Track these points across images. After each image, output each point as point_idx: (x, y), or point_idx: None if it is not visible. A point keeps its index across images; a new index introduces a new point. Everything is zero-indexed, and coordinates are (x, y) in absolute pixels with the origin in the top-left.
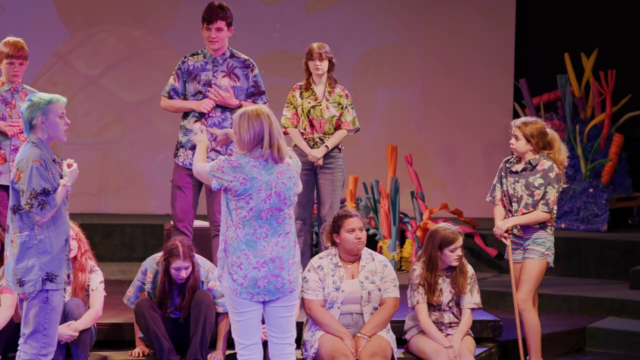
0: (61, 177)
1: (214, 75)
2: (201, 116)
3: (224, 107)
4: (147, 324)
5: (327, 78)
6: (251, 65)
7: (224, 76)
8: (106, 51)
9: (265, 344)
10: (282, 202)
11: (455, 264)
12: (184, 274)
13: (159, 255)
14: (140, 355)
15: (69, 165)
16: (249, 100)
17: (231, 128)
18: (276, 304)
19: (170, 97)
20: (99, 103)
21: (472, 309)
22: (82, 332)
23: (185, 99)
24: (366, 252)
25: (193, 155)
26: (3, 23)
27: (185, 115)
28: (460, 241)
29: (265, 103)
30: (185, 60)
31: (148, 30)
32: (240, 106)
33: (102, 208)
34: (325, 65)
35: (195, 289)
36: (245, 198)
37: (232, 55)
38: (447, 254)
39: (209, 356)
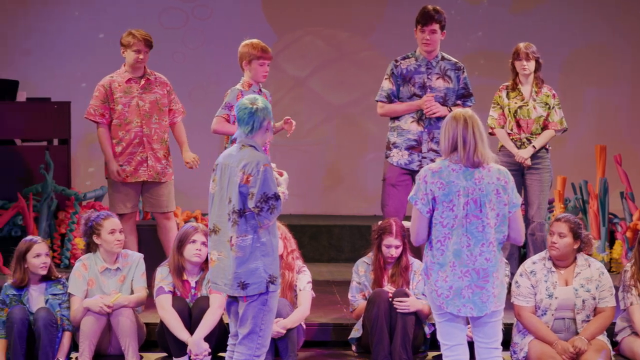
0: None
1: (428, 78)
2: (419, 118)
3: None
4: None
5: (534, 78)
6: (462, 68)
7: (437, 78)
8: (313, 53)
9: (471, 344)
10: (478, 209)
11: None
12: (393, 251)
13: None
14: None
15: (280, 174)
16: (459, 101)
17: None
18: None
19: (390, 101)
20: (306, 105)
21: None
22: (289, 330)
23: (399, 102)
24: (582, 257)
25: (409, 155)
26: (211, 27)
27: (398, 115)
28: None
29: (473, 104)
30: (398, 63)
31: (354, 32)
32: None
33: (310, 209)
34: (532, 65)
35: (406, 268)
36: (449, 205)
37: (442, 58)
38: None
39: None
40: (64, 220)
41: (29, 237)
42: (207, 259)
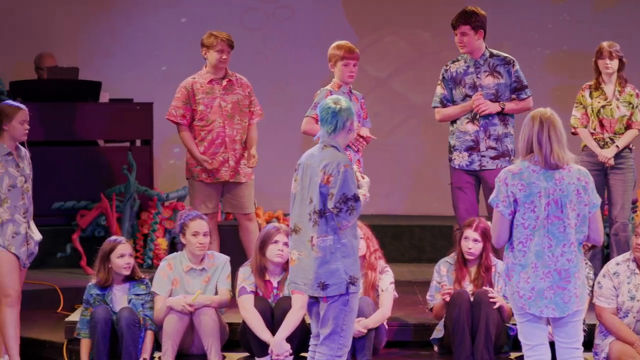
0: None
1: (477, 77)
2: (473, 118)
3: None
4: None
5: (617, 77)
6: (512, 62)
7: (487, 75)
8: (394, 54)
9: (552, 343)
10: (559, 209)
11: None
12: (471, 244)
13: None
14: None
15: (362, 177)
16: (514, 95)
17: (504, 128)
18: None
19: (444, 106)
20: (387, 105)
21: None
22: (369, 330)
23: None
24: None
25: (469, 156)
26: (292, 27)
27: (456, 119)
28: None
29: (529, 97)
30: (447, 68)
31: (435, 32)
32: (503, 108)
33: (392, 209)
34: (615, 64)
35: (488, 269)
36: (530, 206)
37: (491, 55)
38: None
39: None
40: (146, 220)
41: (113, 238)
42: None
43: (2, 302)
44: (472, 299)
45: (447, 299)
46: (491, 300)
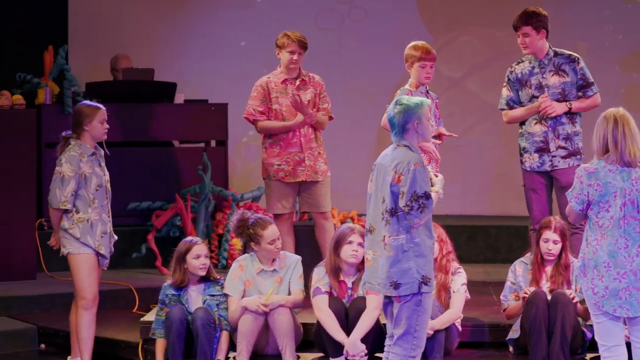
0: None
1: (543, 77)
2: (541, 118)
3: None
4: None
5: None
6: (576, 59)
7: (552, 75)
8: (469, 53)
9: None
10: (635, 209)
11: None
12: (551, 246)
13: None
14: None
15: (436, 175)
16: (580, 93)
17: (573, 126)
18: None
19: (510, 108)
20: (461, 105)
21: None
22: (437, 331)
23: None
24: None
25: (539, 157)
26: (366, 28)
27: (523, 120)
28: None
29: (595, 93)
30: (512, 69)
31: (511, 32)
32: (570, 107)
33: (466, 209)
34: None
35: (566, 267)
36: (604, 205)
37: (555, 54)
38: None
39: None
40: (221, 221)
41: (189, 238)
42: (363, 260)
43: (78, 303)
44: (549, 297)
45: (525, 298)
46: (572, 299)
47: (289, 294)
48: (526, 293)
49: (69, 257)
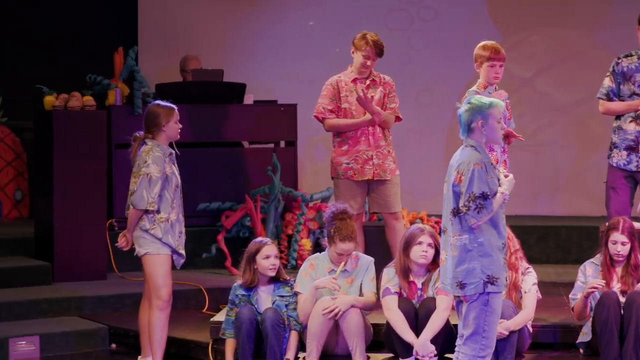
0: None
1: None
2: (637, 117)
3: None
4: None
5: None
6: None
7: None
8: (539, 53)
9: None
10: None
11: None
12: (619, 247)
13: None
14: None
15: (506, 176)
16: None
17: None
18: None
19: (609, 100)
20: (532, 105)
21: None
22: (511, 332)
23: (619, 101)
24: None
25: (627, 155)
26: (435, 28)
27: (619, 115)
28: None
29: None
30: (619, 61)
31: (581, 31)
32: None
33: (537, 210)
34: None
35: (637, 267)
36: None
37: None
38: None
39: None
40: (290, 221)
41: (259, 239)
42: (433, 260)
43: (153, 304)
44: (620, 298)
45: (589, 293)
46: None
47: (360, 295)
48: (595, 288)
49: (147, 257)
